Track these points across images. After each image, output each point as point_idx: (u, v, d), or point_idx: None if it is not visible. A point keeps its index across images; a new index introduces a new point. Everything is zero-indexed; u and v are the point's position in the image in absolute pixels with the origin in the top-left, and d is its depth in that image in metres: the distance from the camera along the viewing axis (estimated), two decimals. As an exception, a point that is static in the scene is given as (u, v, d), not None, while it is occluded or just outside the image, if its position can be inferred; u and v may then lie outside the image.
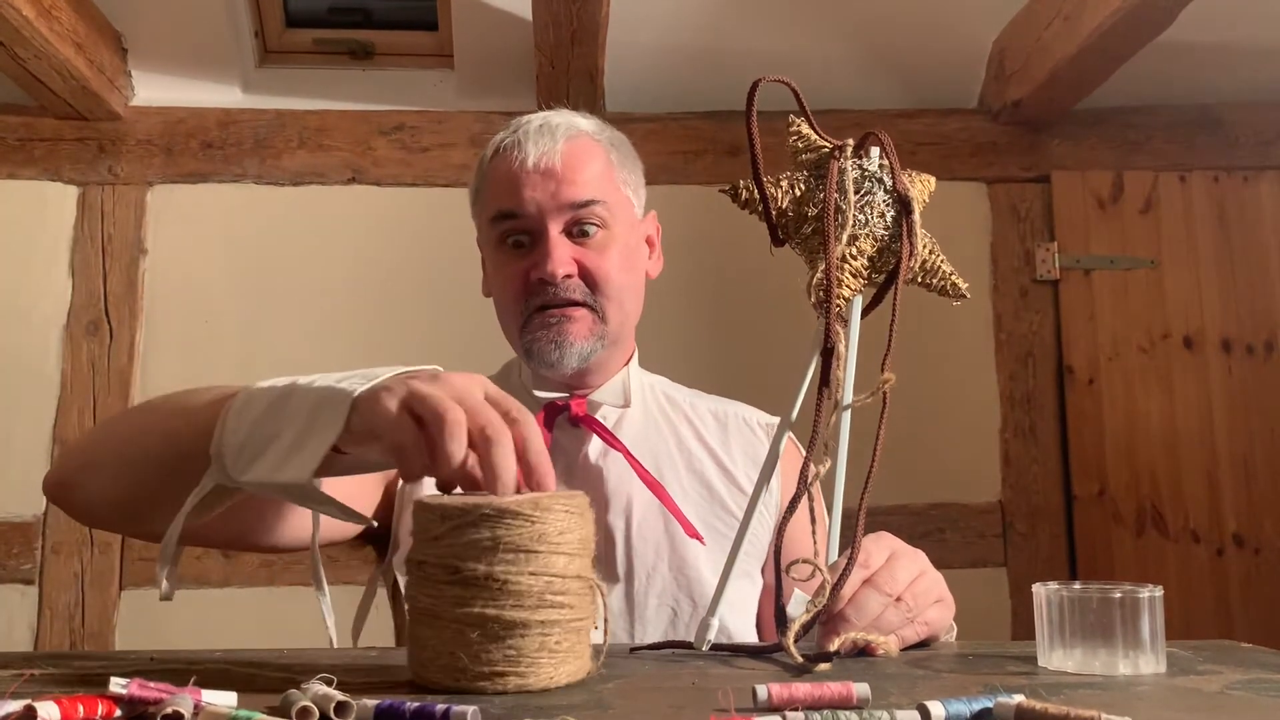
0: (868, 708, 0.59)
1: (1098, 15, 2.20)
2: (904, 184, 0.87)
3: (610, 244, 1.15)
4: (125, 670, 0.63)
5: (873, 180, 0.87)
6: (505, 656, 0.63)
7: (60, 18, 2.25)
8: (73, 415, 2.52)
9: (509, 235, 1.15)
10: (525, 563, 0.63)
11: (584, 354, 1.12)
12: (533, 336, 1.12)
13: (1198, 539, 2.58)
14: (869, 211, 0.86)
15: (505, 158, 1.15)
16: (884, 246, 0.86)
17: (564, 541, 0.65)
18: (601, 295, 1.13)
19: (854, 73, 2.63)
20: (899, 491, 2.55)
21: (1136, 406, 2.63)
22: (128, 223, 2.61)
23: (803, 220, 0.87)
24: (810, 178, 0.88)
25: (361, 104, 2.69)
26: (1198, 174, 2.74)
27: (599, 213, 1.14)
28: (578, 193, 1.12)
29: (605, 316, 1.14)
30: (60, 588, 2.46)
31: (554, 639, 0.65)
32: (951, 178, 2.74)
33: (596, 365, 1.16)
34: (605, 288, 1.13)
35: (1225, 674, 0.75)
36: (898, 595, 0.84)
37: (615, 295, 1.14)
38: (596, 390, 1.18)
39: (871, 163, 0.88)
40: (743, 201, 0.88)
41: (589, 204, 1.13)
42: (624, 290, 1.16)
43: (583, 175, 1.13)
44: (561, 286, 1.11)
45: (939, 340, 2.64)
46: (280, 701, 0.57)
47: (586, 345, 1.12)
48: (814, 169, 0.89)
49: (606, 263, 1.14)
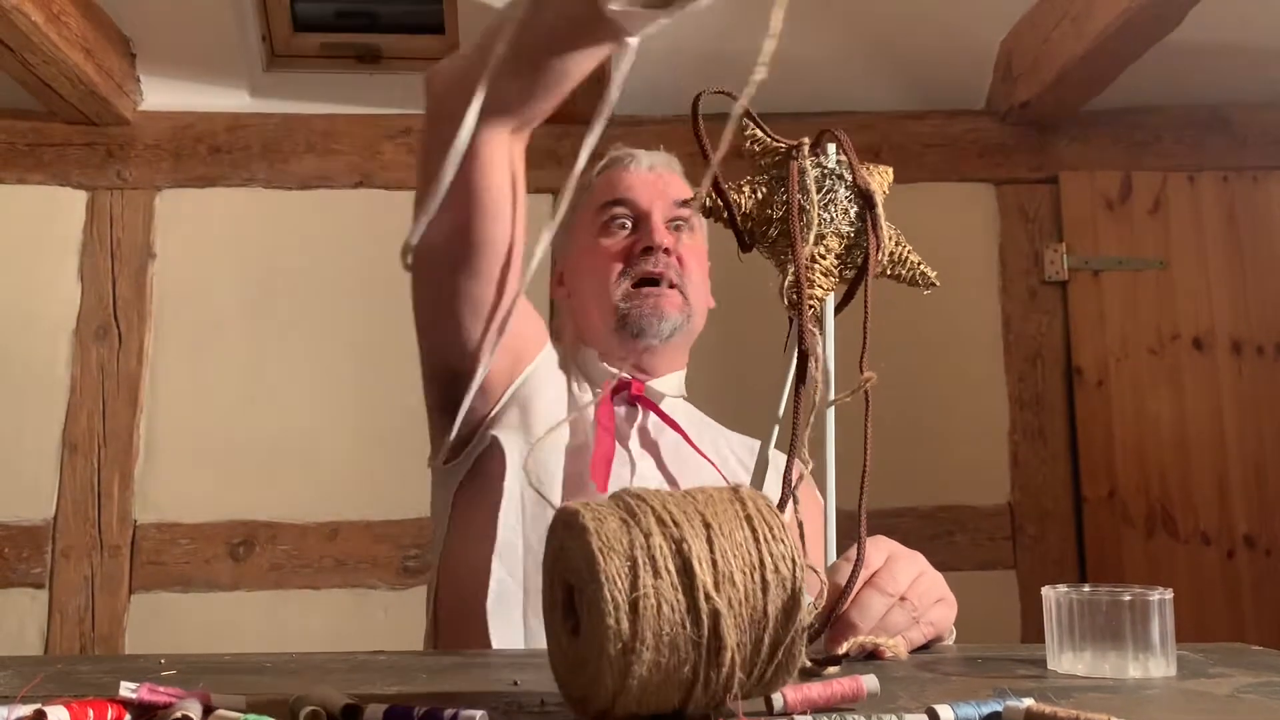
0: (878, 710, 0.58)
1: (1105, 16, 2.19)
2: (864, 178, 0.88)
3: (697, 245, 1.30)
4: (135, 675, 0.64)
5: (833, 178, 0.87)
6: None
7: (69, 23, 2.26)
8: (82, 419, 2.53)
9: (617, 219, 1.27)
10: None
11: (674, 326, 1.23)
12: (631, 305, 1.22)
13: (1208, 541, 2.57)
14: (833, 209, 0.86)
15: (619, 165, 1.29)
16: (851, 243, 0.87)
17: None
18: (689, 281, 1.26)
19: (862, 75, 2.63)
20: (907, 494, 2.55)
21: (1146, 408, 2.62)
22: (136, 227, 2.62)
23: (767, 223, 0.87)
24: (771, 179, 0.88)
25: (369, 108, 2.70)
26: (1207, 174, 2.73)
27: (692, 220, 1.29)
28: (680, 195, 1.28)
29: (690, 300, 1.25)
30: (70, 591, 2.47)
31: None
32: (959, 179, 2.74)
33: (665, 353, 1.25)
34: (692, 275, 1.26)
35: (1236, 677, 0.75)
36: (900, 595, 0.84)
37: (696, 287, 1.27)
38: (655, 380, 1.27)
39: (830, 160, 0.88)
40: (706, 210, 0.88)
41: (687, 206, 1.27)
42: (701, 288, 1.29)
43: (682, 187, 1.30)
44: (661, 259, 1.23)
45: (947, 342, 2.63)
46: (290, 705, 0.57)
47: (677, 318, 1.23)
48: (774, 172, 0.89)
49: (694, 257, 1.28)
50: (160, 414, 2.56)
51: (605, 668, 0.52)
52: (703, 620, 0.53)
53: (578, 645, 0.56)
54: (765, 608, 0.54)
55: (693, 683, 0.54)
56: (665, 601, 0.53)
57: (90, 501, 2.50)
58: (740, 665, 0.54)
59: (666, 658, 0.53)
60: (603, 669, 0.52)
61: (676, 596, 0.53)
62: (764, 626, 0.54)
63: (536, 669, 0.79)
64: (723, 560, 0.54)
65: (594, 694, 0.54)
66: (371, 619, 2.47)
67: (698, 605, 0.53)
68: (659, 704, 0.54)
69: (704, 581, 0.53)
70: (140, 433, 2.55)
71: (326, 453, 2.55)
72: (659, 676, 0.53)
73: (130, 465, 2.52)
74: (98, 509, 2.50)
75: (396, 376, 2.67)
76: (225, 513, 2.51)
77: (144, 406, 2.55)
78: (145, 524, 2.51)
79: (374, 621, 2.46)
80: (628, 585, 0.52)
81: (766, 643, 0.55)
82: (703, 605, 0.53)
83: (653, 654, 0.52)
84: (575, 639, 0.57)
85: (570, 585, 0.57)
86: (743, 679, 0.54)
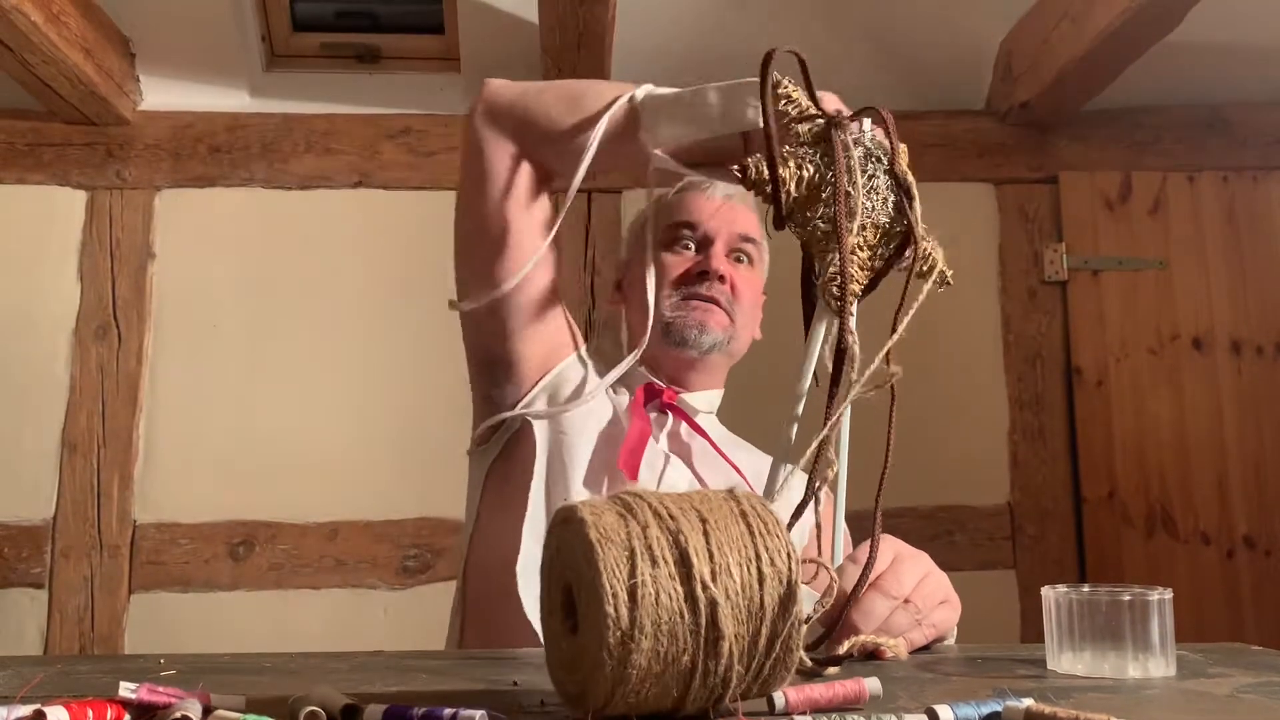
0: (878, 710, 0.58)
1: (1105, 16, 2.19)
2: (903, 168, 0.84)
3: (754, 278, 1.34)
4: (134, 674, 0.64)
5: (873, 161, 0.84)
6: None
7: (69, 23, 2.26)
8: (81, 419, 2.53)
9: (682, 239, 1.32)
10: None
11: (715, 341, 1.27)
12: (677, 314, 1.27)
13: (1208, 541, 2.57)
14: (874, 197, 0.83)
15: (694, 191, 1.34)
16: (885, 232, 0.84)
17: None
18: (739, 308, 1.30)
19: (861, 74, 2.63)
20: (907, 494, 2.55)
21: (1146, 408, 2.62)
22: (136, 227, 2.62)
23: (810, 204, 0.83)
24: (818, 155, 0.84)
25: (368, 108, 2.69)
26: (1206, 174, 2.73)
27: (753, 251, 1.33)
28: (745, 229, 1.32)
29: (735, 323, 1.29)
30: (70, 591, 2.46)
31: None
32: (959, 179, 2.74)
33: (704, 368, 1.29)
34: (743, 303, 1.30)
35: (1236, 677, 0.75)
36: (904, 597, 0.84)
37: (746, 314, 1.31)
38: (690, 394, 1.30)
39: (866, 136, 0.85)
40: (751, 181, 0.85)
41: (750, 240, 1.33)
42: (750, 316, 1.33)
43: (750, 221, 1.34)
44: (715, 285, 1.28)
45: (947, 342, 2.63)
46: (289, 705, 0.57)
47: (719, 335, 1.27)
48: (814, 143, 0.85)
49: (748, 288, 1.32)
50: (160, 414, 2.56)
51: (604, 658, 0.52)
52: (700, 610, 0.53)
53: (576, 641, 0.56)
54: (762, 599, 0.55)
55: (691, 673, 0.54)
56: (663, 590, 0.53)
57: (90, 501, 2.50)
58: (739, 657, 0.54)
59: (665, 647, 0.53)
60: (602, 659, 0.52)
61: (674, 586, 0.53)
62: (761, 619, 0.55)
63: (536, 669, 0.79)
64: (719, 552, 0.55)
65: (593, 686, 0.54)
66: (371, 619, 2.47)
67: (695, 595, 0.53)
68: (658, 698, 0.54)
69: (701, 572, 0.54)
70: (140, 433, 2.54)
71: (326, 453, 2.54)
72: (658, 666, 0.53)
73: (130, 465, 2.52)
74: (97, 509, 2.50)
75: (396, 376, 2.68)
76: (225, 513, 2.51)
77: (143, 406, 2.55)
78: (145, 524, 2.51)
79: (374, 621, 2.46)
80: (626, 573, 0.53)
81: (764, 635, 0.55)
82: (700, 595, 0.53)
83: (651, 642, 0.52)
84: (574, 637, 0.57)
85: (569, 585, 0.57)
86: (741, 672, 0.54)
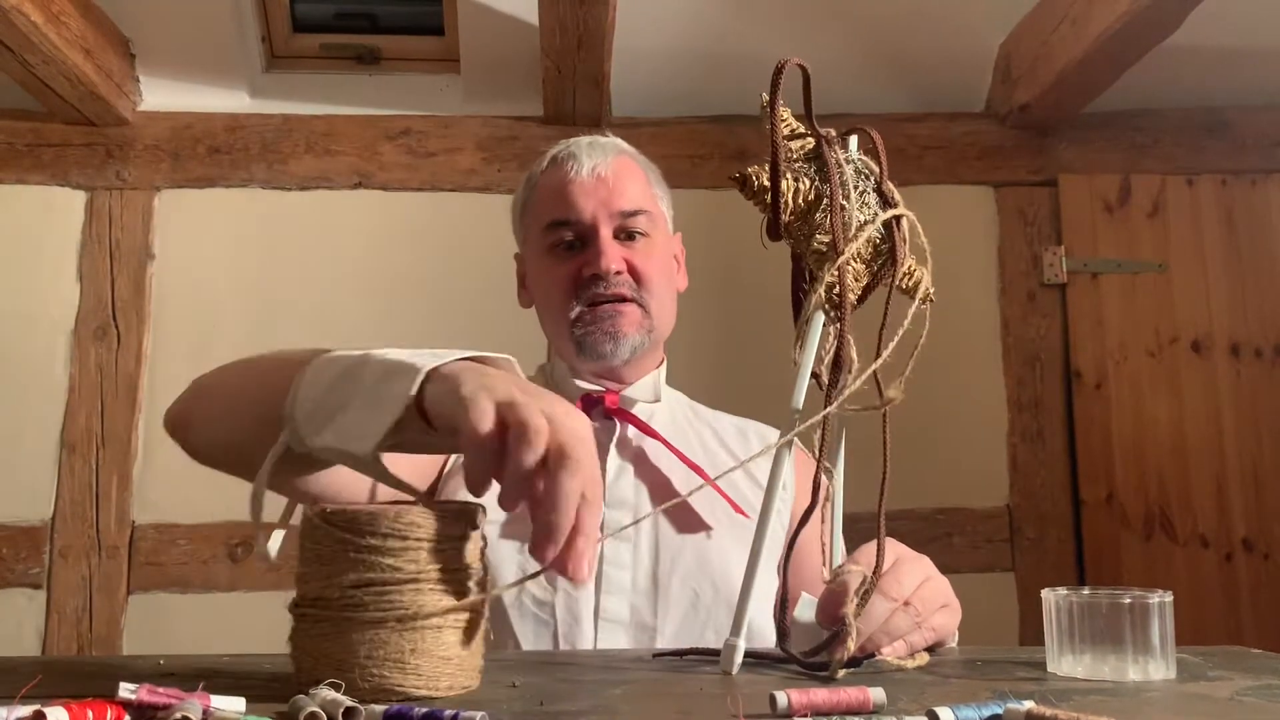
0: (880, 714, 0.58)
1: (1104, 19, 2.19)
2: (890, 186, 0.86)
3: (653, 249, 1.24)
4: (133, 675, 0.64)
5: (862, 178, 0.86)
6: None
7: (69, 24, 2.26)
8: (80, 420, 2.52)
9: (562, 240, 1.22)
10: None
11: (634, 345, 1.20)
12: (585, 330, 1.19)
13: (1206, 544, 2.57)
14: (865, 212, 0.84)
15: (560, 168, 1.23)
16: (875, 248, 0.85)
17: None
18: (647, 292, 1.21)
19: (860, 77, 2.63)
20: (906, 496, 2.55)
21: (1145, 411, 2.62)
22: (135, 228, 2.62)
23: (806, 216, 0.85)
24: (814, 170, 0.85)
25: (368, 109, 2.69)
26: (1205, 177, 2.73)
27: (644, 222, 1.23)
28: (627, 201, 1.22)
29: (650, 312, 1.21)
30: (68, 592, 2.46)
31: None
32: (958, 182, 2.74)
33: (635, 362, 1.22)
34: (650, 285, 1.21)
35: (1235, 680, 0.75)
36: (905, 600, 0.84)
37: (658, 294, 1.22)
38: (629, 387, 1.24)
39: (854, 155, 0.87)
40: (753, 191, 0.85)
41: (636, 213, 1.22)
42: (664, 292, 1.24)
43: (631, 187, 1.23)
44: (612, 281, 1.18)
45: (945, 345, 2.63)
46: (289, 707, 0.57)
47: (637, 337, 1.20)
48: (805, 160, 0.86)
49: (651, 264, 1.22)
50: (159, 414, 2.53)
51: None
52: None
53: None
54: None
55: None
56: None
57: (88, 502, 2.50)
58: None
59: None
60: None
61: None
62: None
63: (536, 669, 0.79)
64: None
65: None
66: (370, 620, 2.47)
67: None
68: None
69: None
70: (139, 433, 2.54)
71: (325, 454, 2.54)
72: None
73: (128, 466, 2.52)
74: (96, 509, 2.49)
75: (395, 377, 2.67)
76: (223, 513, 2.50)
77: (142, 407, 2.55)
78: (143, 524, 2.51)
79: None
80: None
81: None
82: None
83: None
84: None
85: None
86: None
